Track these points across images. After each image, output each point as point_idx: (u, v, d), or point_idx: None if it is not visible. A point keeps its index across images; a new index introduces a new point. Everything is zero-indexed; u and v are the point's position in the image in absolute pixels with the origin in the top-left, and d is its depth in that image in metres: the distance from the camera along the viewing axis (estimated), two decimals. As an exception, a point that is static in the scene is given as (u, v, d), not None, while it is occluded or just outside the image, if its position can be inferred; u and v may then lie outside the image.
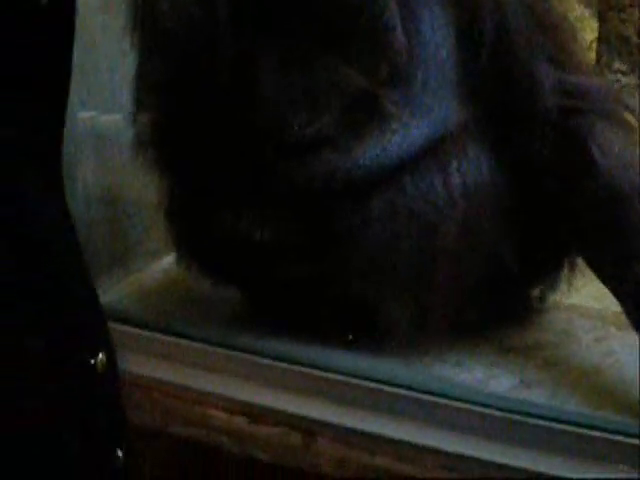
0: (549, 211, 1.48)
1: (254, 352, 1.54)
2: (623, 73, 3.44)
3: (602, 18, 3.48)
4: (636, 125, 1.50)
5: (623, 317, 1.50)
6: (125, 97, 1.63)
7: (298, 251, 1.40)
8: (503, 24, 1.43)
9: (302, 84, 1.39)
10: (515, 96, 1.45)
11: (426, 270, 1.45)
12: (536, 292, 1.67)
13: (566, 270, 1.60)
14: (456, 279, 1.47)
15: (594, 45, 3.53)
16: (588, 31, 3.53)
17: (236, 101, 1.41)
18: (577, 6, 3.44)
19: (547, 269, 1.62)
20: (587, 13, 3.62)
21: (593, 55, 3.44)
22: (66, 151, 0.96)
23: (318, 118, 1.38)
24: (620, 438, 1.33)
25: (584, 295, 1.71)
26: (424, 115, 1.42)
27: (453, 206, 1.42)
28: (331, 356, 1.53)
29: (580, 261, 1.57)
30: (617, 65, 3.44)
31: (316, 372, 1.49)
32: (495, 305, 1.56)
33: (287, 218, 1.44)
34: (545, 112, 1.44)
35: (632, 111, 1.51)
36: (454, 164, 1.44)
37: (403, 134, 1.41)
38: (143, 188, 1.66)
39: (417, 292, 1.47)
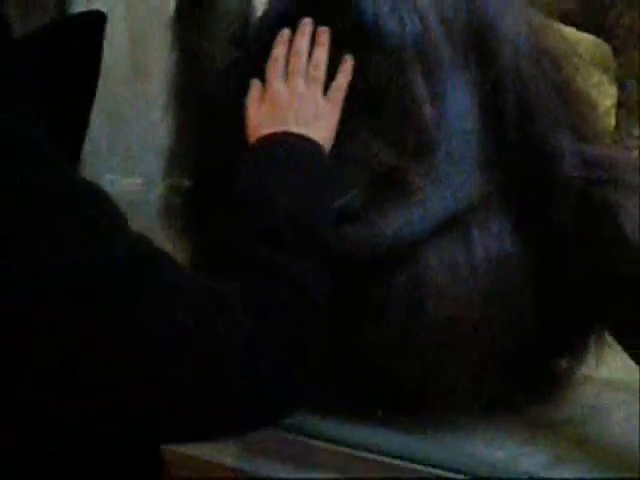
0: (574, 284, 1.44)
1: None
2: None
3: (621, 84, 3.47)
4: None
5: None
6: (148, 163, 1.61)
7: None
8: (525, 95, 1.42)
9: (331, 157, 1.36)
10: (537, 167, 1.43)
11: (452, 344, 1.42)
12: (564, 365, 1.62)
13: (594, 343, 1.55)
14: (482, 352, 1.44)
15: (613, 111, 3.51)
16: (607, 97, 3.52)
17: None
18: (595, 72, 3.43)
19: (574, 342, 1.58)
20: (605, 79, 3.61)
21: (612, 121, 3.43)
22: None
23: (345, 192, 1.36)
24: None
25: (613, 368, 1.64)
26: (447, 187, 1.40)
27: (476, 278, 1.40)
28: (361, 433, 1.49)
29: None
30: (637, 131, 3.42)
31: (347, 450, 1.46)
32: (523, 379, 1.52)
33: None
34: (568, 183, 1.41)
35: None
36: (476, 236, 1.42)
37: (427, 206, 1.38)
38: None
39: (444, 366, 1.44)
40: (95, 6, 1.60)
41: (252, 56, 1.42)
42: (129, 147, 1.78)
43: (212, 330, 0.94)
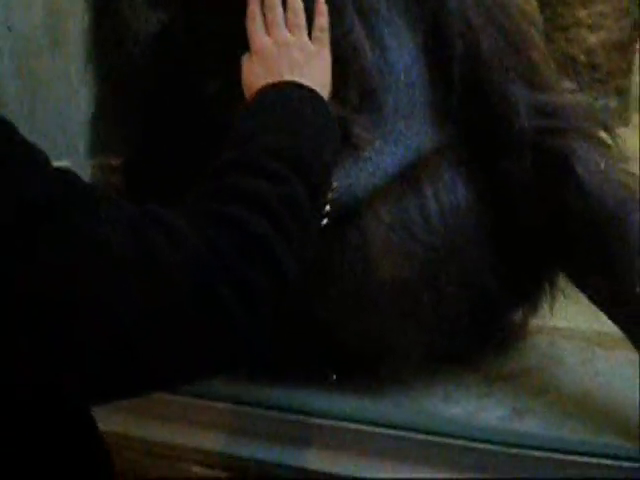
0: (529, 233, 1.41)
1: (232, 400, 1.43)
2: (572, 92, 3.42)
3: (548, 38, 3.45)
4: (610, 142, 1.43)
5: (607, 337, 1.47)
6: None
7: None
8: (474, 44, 1.35)
9: None
10: (490, 117, 1.38)
11: (404, 300, 1.37)
12: (518, 316, 1.59)
13: (547, 292, 1.52)
14: (435, 307, 1.39)
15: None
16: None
17: (201, 135, 1.32)
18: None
19: (527, 292, 1.54)
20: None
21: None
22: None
23: None
24: (620, 463, 1.26)
25: (565, 317, 1.63)
26: (397, 141, 1.34)
27: (430, 233, 1.34)
28: (315, 399, 1.43)
29: (560, 282, 1.50)
30: (566, 85, 3.42)
31: (301, 417, 1.39)
32: (477, 332, 1.48)
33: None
34: (522, 133, 1.36)
35: (607, 128, 1.43)
36: (429, 189, 1.36)
37: (376, 161, 1.32)
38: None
39: (396, 323, 1.38)
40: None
41: (178, 22, 1.33)
42: (50, 128, 1.68)
43: (153, 252, 0.88)
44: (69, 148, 1.72)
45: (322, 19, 1.28)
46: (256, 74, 1.24)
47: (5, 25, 1.46)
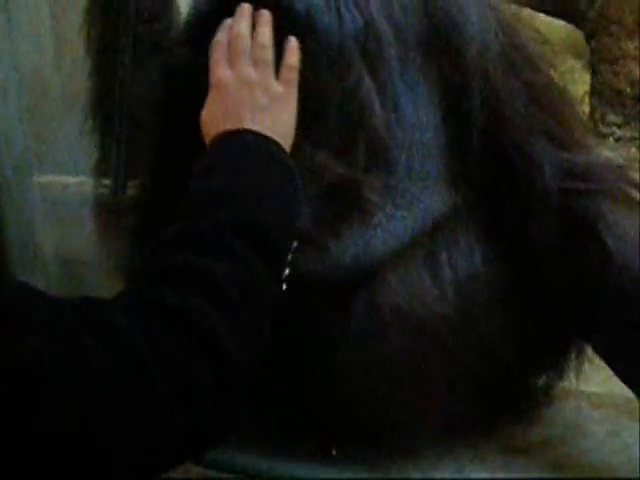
0: (554, 298, 1.31)
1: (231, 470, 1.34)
2: (617, 126, 3.32)
3: (595, 70, 3.35)
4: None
5: (636, 404, 1.35)
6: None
7: (278, 359, 1.20)
8: (495, 99, 1.25)
9: None
10: (511, 179, 1.27)
11: (417, 371, 1.27)
12: (542, 381, 1.48)
13: (574, 357, 1.43)
14: (448, 379, 1.30)
15: (586, 98, 3.39)
16: (580, 84, 3.39)
17: None
18: (568, 58, 3.30)
19: (552, 357, 1.44)
20: (578, 65, 3.48)
21: (586, 108, 3.31)
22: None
23: None
24: None
25: (593, 382, 1.52)
26: (410, 205, 1.24)
27: (443, 302, 1.25)
28: (317, 472, 1.33)
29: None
30: (611, 118, 3.31)
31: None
32: (495, 401, 1.38)
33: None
34: (546, 195, 1.26)
35: (637, 186, 1.32)
36: (444, 255, 1.27)
37: (387, 227, 1.22)
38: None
39: (406, 394, 1.29)
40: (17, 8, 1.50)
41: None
42: (55, 145, 1.65)
43: (84, 360, 0.81)
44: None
45: (292, 57, 1.16)
46: (214, 113, 1.13)
47: (12, 65, 1.42)
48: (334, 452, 1.32)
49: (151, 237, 1.37)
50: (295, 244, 1.08)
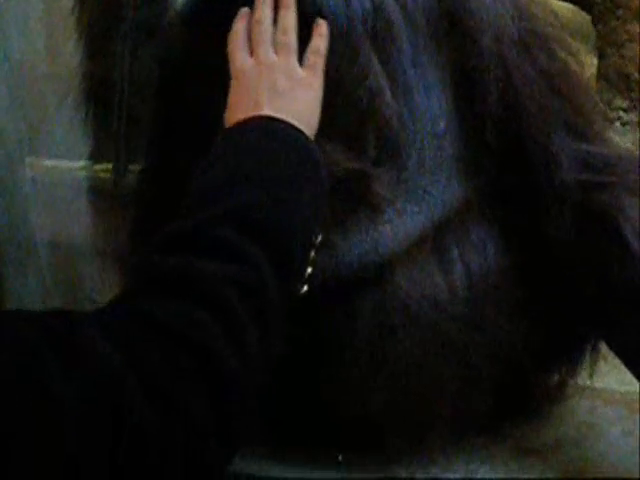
0: (570, 294, 1.26)
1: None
2: (624, 110, 3.24)
3: (601, 54, 3.27)
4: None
5: None
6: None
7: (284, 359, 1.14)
8: (510, 88, 1.18)
9: None
10: (528, 170, 1.21)
11: (427, 372, 1.22)
12: (555, 379, 1.43)
13: (587, 355, 1.37)
14: (460, 380, 1.25)
15: (593, 82, 3.31)
16: (586, 67, 3.32)
17: None
18: (573, 42, 3.23)
19: (565, 355, 1.39)
20: (584, 49, 3.40)
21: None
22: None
23: None
24: None
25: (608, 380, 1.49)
26: (421, 199, 1.17)
27: (455, 301, 1.19)
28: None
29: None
30: (618, 102, 3.23)
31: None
32: (508, 401, 1.34)
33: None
34: (563, 187, 1.20)
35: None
36: (455, 251, 1.21)
37: (397, 224, 1.15)
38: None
39: (416, 397, 1.23)
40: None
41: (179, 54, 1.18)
42: (48, 132, 1.64)
43: (45, 385, 0.67)
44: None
45: (319, 41, 1.08)
46: (233, 102, 1.04)
47: (1, 52, 1.36)
48: (340, 458, 1.27)
49: (149, 228, 1.33)
50: (319, 239, 0.98)
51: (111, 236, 1.48)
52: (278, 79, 1.04)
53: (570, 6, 3.28)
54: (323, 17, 1.08)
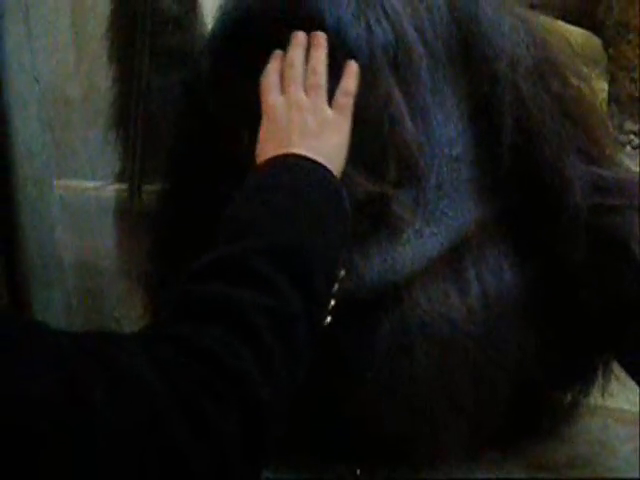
0: (583, 313, 1.27)
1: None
2: (635, 134, 3.27)
3: (612, 78, 3.30)
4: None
5: None
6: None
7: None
8: (525, 114, 1.21)
9: None
10: (541, 194, 1.23)
11: (444, 390, 1.24)
12: (568, 398, 1.43)
13: (600, 374, 1.38)
14: (476, 397, 1.26)
15: (604, 106, 3.33)
16: (597, 92, 3.34)
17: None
18: (585, 67, 3.25)
19: (578, 374, 1.39)
20: (595, 73, 3.42)
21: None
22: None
23: None
24: None
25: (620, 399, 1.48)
26: (438, 221, 1.20)
27: (471, 320, 1.21)
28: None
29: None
30: (629, 126, 3.26)
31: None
32: (522, 418, 1.35)
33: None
34: (576, 211, 1.22)
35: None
36: (471, 272, 1.22)
37: (416, 245, 1.17)
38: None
39: (433, 413, 1.25)
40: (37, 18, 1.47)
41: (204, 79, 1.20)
42: (77, 155, 1.65)
43: (88, 405, 0.71)
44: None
45: (349, 81, 1.11)
46: (264, 138, 1.07)
47: (32, 76, 1.39)
48: (358, 472, 1.28)
49: (168, 249, 1.36)
50: (342, 273, 1.00)
51: (135, 256, 1.49)
52: (308, 119, 1.06)
53: (582, 31, 3.31)
54: (347, 46, 1.10)
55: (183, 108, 1.33)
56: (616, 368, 1.36)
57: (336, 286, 0.99)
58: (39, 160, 1.47)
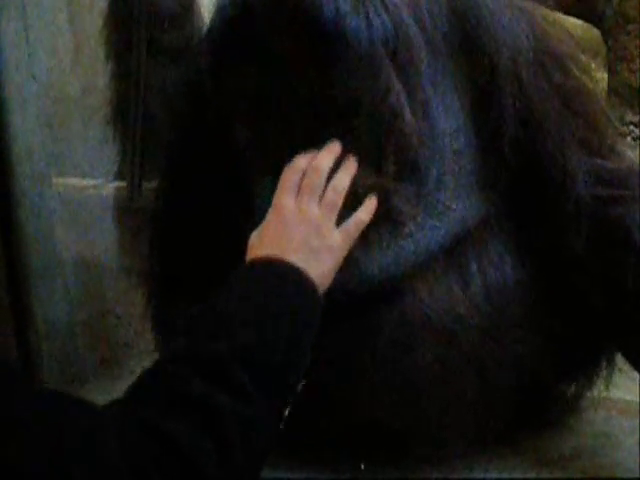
0: (587, 306, 1.27)
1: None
2: (635, 125, 3.25)
3: (612, 69, 3.28)
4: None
5: None
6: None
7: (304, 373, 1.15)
8: (527, 106, 1.20)
9: None
10: (544, 186, 1.22)
11: (445, 383, 1.23)
12: (571, 390, 1.44)
13: (603, 366, 1.38)
14: (479, 390, 1.26)
15: (604, 97, 3.32)
16: (597, 83, 3.33)
17: (230, 206, 1.23)
18: (585, 58, 3.24)
19: (582, 366, 1.39)
20: (595, 64, 3.40)
21: (603, 107, 3.24)
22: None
23: None
24: None
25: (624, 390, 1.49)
26: (440, 215, 1.19)
27: (474, 313, 1.20)
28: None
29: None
30: (629, 117, 3.24)
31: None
32: (526, 411, 1.35)
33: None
34: (579, 202, 1.21)
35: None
36: (474, 265, 1.22)
37: (417, 238, 1.16)
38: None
39: (436, 407, 1.24)
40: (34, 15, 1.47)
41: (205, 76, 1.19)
42: (75, 151, 1.66)
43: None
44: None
45: (365, 215, 1.12)
46: (264, 235, 1.10)
47: (30, 73, 1.38)
48: (362, 466, 1.28)
49: (165, 248, 1.35)
50: (302, 384, 1.03)
51: (134, 252, 1.50)
52: (312, 237, 1.08)
53: (581, 22, 3.29)
54: (345, 38, 1.09)
55: (181, 104, 1.32)
56: (619, 360, 1.36)
57: (292, 398, 1.02)
58: (38, 158, 1.48)
